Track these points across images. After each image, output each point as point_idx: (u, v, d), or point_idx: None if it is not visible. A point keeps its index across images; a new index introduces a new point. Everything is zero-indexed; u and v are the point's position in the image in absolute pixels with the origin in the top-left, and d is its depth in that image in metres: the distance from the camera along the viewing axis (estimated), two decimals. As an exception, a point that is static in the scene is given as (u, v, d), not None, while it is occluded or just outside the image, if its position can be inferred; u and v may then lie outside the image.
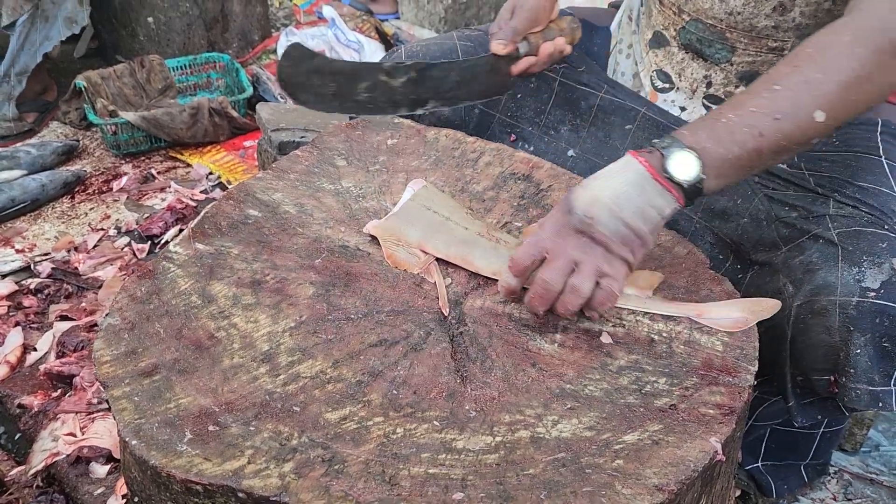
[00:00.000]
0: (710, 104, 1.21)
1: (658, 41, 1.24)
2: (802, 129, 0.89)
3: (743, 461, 1.34)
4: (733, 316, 0.92)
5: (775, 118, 0.88)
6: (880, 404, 0.95)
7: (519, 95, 1.31)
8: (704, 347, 0.90)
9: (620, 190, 0.88)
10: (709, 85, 1.20)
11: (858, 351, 0.94)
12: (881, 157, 1.09)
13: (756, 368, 0.87)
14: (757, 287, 1.07)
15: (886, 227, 0.99)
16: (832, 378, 0.98)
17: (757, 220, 1.11)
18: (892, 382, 0.95)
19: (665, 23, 1.22)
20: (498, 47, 1.14)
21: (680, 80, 1.23)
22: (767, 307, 0.94)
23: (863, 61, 0.89)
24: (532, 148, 1.30)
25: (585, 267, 0.88)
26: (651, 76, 1.27)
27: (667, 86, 1.25)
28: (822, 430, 1.29)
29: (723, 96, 1.20)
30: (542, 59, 1.18)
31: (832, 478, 1.46)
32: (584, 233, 0.88)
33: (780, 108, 0.89)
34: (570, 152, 1.28)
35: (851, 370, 0.95)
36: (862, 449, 1.53)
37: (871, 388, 0.95)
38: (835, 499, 1.42)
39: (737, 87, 1.18)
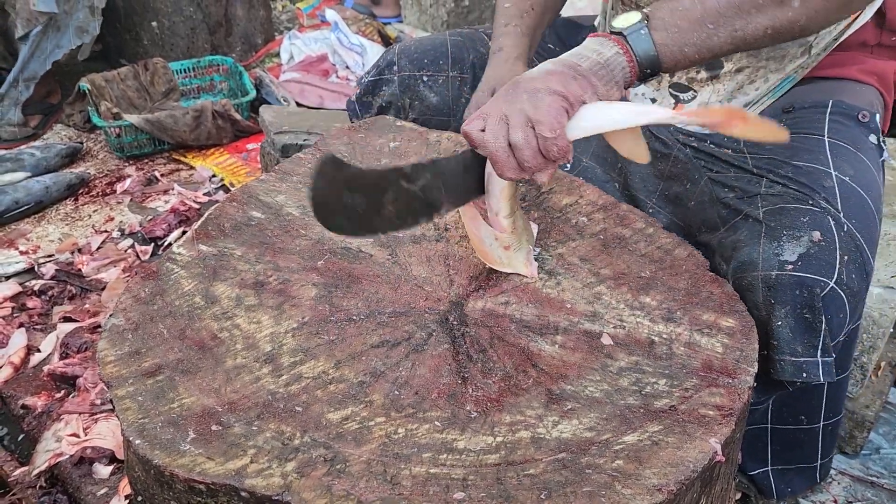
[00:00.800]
0: (675, 92, 1.24)
1: None
2: None
3: (748, 466, 1.35)
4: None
5: None
6: (804, 374, 0.97)
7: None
8: (704, 349, 0.90)
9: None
10: (672, 73, 1.23)
11: (780, 323, 0.96)
12: (824, 136, 1.11)
13: (756, 370, 0.88)
14: None
15: (811, 202, 1.00)
16: (765, 353, 0.99)
17: (702, 203, 1.13)
18: (819, 353, 0.97)
19: None
20: None
21: None
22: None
23: None
24: None
25: (513, 118, 0.86)
26: None
27: None
28: (821, 423, 1.29)
29: (686, 83, 1.23)
30: None
31: (833, 480, 1.47)
32: (511, 87, 0.88)
33: None
34: None
35: (775, 342, 0.97)
36: (862, 452, 1.53)
37: (794, 358, 0.97)
38: (835, 502, 1.42)
39: (697, 72, 1.20)
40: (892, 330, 1.56)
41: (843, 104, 1.15)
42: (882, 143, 1.15)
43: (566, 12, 2.78)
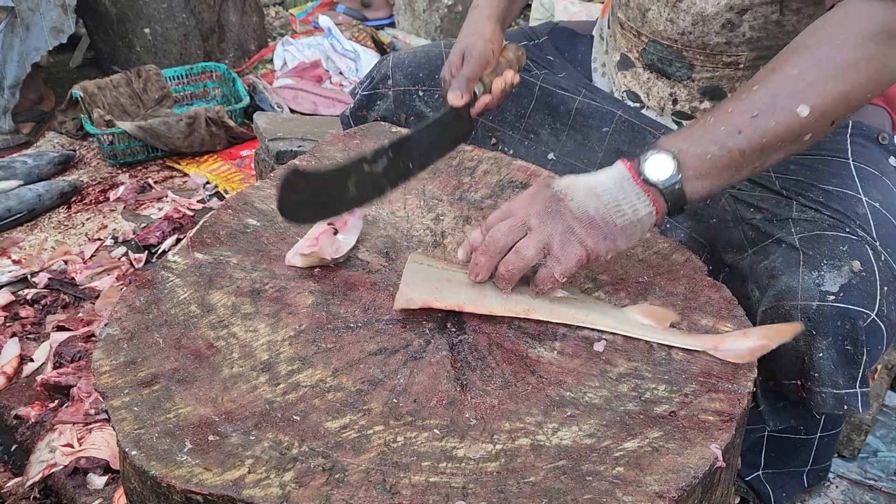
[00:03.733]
0: (678, 120, 1.24)
1: (625, 63, 1.28)
2: (785, 124, 0.87)
3: (742, 471, 1.34)
4: (749, 345, 0.89)
5: (753, 116, 0.87)
6: (846, 407, 0.96)
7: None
8: (703, 354, 0.90)
9: (602, 181, 0.90)
10: (675, 102, 1.23)
11: (821, 355, 0.95)
12: (849, 159, 1.10)
13: (755, 375, 0.88)
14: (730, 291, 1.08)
15: (848, 230, 1.00)
16: (799, 383, 0.99)
17: (724, 221, 1.12)
18: (857, 384, 0.96)
19: (628, 45, 1.26)
20: (455, 100, 1.09)
21: (648, 99, 1.26)
22: (785, 331, 0.90)
23: (844, 50, 0.87)
24: (512, 152, 1.32)
25: (536, 234, 0.88)
26: (622, 96, 1.31)
27: (637, 105, 1.28)
28: (818, 434, 1.29)
29: (689, 112, 1.22)
30: (496, 96, 1.14)
31: (831, 483, 1.46)
32: (553, 203, 0.88)
33: (758, 105, 0.87)
34: (550, 155, 1.30)
35: (816, 374, 0.96)
36: (860, 455, 1.53)
37: (835, 391, 0.96)
38: (834, 505, 1.42)
39: (701, 102, 1.19)
40: (888, 333, 1.56)
41: (863, 125, 1.14)
42: None
43: (560, 17, 2.79)
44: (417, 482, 0.74)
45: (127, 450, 0.76)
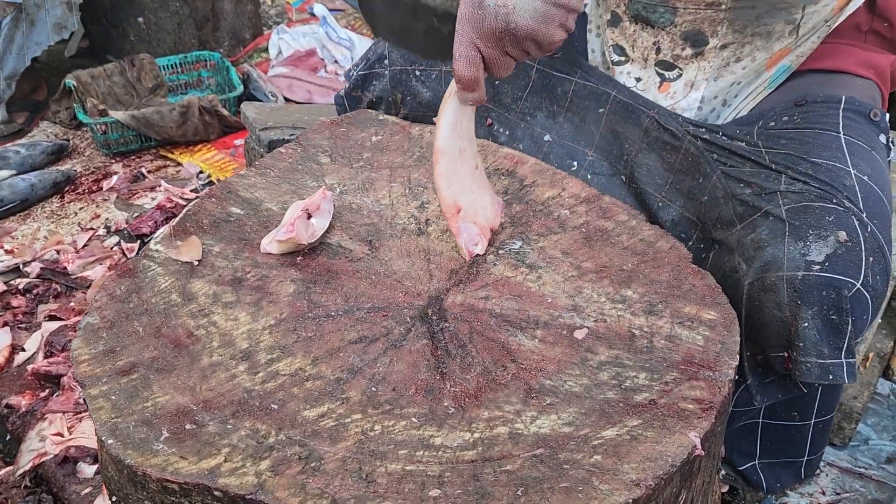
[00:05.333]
0: (661, 70, 1.25)
1: (614, 20, 1.30)
2: None
3: (737, 461, 1.34)
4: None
5: None
6: (830, 377, 0.96)
7: (496, 82, 1.32)
8: (685, 342, 0.89)
9: None
10: (658, 51, 1.24)
11: (807, 324, 0.95)
12: (839, 132, 1.10)
13: (737, 363, 0.87)
14: (717, 267, 1.07)
15: (835, 201, 0.99)
16: (786, 354, 0.98)
17: (715, 198, 1.11)
18: (843, 354, 0.96)
19: (617, 1, 1.27)
20: None
21: (633, 52, 1.28)
22: None
23: None
24: (508, 132, 1.31)
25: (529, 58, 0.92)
26: (608, 51, 1.33)
27: (622, 59, 1.30)
28: (813, 420, 1.28)
29: (671, 60, 1.23)
30: None
31: (821, 471, 1.46)
32: (506, 30, 0.88)
33: None
34: (547, 137, 1.29)
35: (801, 344, 0.96)
36: (851, 443, 1.53)
37: (820, 360, 0.96)
38: (823, 493, 1.42)
39: (683, 48, 1.21)
40: (879, 321, 1.55)
41: (856, 101, 1.14)
42: (890, 144, 1.14)
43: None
44: (394, 470, 0.74)
45: (103, 438, 0.76)
